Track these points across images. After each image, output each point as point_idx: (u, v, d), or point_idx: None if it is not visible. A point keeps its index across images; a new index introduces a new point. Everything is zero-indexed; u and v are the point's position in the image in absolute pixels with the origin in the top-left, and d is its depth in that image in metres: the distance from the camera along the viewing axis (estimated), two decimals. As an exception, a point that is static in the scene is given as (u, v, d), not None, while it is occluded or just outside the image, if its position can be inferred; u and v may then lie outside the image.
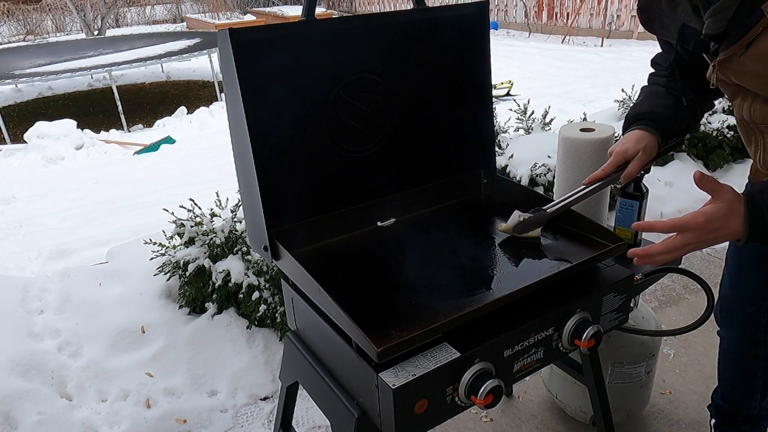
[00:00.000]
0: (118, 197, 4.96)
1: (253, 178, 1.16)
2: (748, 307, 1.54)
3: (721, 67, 1.13)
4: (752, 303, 1.53)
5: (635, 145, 1.35)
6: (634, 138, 1.37)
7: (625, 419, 1.99)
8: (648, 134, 1.37)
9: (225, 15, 18.69)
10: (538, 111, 3.59)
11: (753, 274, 1.50)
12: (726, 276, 1.59)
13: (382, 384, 1.00)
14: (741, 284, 1.55)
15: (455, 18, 1.39)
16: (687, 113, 1.43)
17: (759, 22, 0.98)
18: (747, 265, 1.52)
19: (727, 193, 1.01)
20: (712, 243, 1.03)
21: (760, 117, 1.16)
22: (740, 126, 1.28)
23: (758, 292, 1.51)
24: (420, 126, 1.44)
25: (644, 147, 1.35)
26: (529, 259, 1.28)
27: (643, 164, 1.36)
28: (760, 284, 1.49)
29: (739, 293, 1.55)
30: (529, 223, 1.32)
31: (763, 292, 1.50)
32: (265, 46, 1.15)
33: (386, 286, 1.20)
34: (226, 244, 2.37)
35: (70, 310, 2.40)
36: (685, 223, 1.01)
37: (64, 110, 9.42)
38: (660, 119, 1.39)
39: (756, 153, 1.26)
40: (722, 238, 1.02)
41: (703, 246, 1.04)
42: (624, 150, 1.36)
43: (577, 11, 12.99)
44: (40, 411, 2.00)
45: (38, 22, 18.86)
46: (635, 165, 1.34)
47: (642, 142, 1.36)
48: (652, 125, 1.38)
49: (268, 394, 2.26)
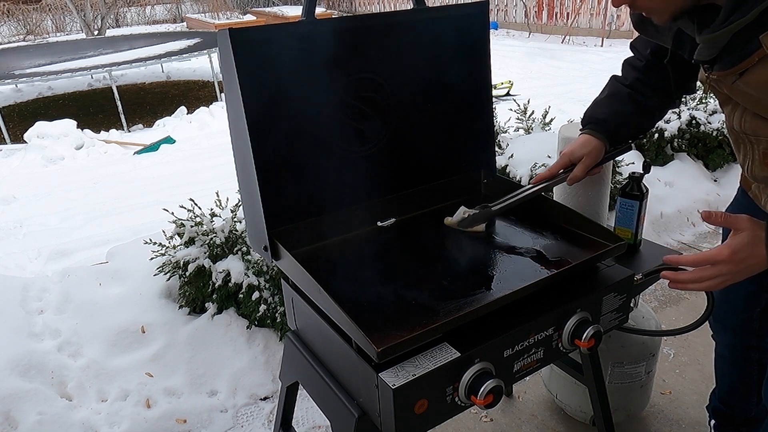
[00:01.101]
0: (118, 197, 4.96)
1: (253, 178, 1.16)
2: (740, 313, 1.54)
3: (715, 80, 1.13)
4: (744, 310, 1.53)
5: (581, 149, 1.41)
6: (581, 142, 1.42)
7: (625, 419, 1.99)
8: (595, 140, 1.41)
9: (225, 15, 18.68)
10: (538, 111, 3.59)
11: (745, 281, 1.50)
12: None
13: (382, 384, 1.00)
14: (732, 291, 1.53)
15: (455, 18, 1.39)
16: (644, 118, 1.46)
17: (755, 52, 0.96)
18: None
19: (745, 222, 1.02)
20: (746, 273, 1.04)
21: (751, 128, 1.15)
22: (730, 134, 1.27)
23: (750, 299, 1.51)
24: (420, 126, 1.44)
25: (589, 152, 1.40)
26: (529, 259, 1.28)
27: (588, 168, 1.41)
28: (752, 291, 1.49)
29: (731, 300, 1.55)
30: (474, 219, 1.38)
31: (755, 298, 1.50)
32: (265, 46, 1.15)
33: (386, 286, 1.20)
34: (226, 244, 2.37)
35: (70, 310, 2.40)
36: (711, 256, 1.03)
37: (64, 110, 9.42)
38: (611, 127, 1.43)
39: (745, 162, 1.25)
40: (753, 267, 1.03)
41: (739, 278, 1.05)
42: (570, 152, 1.42)
43: (577, 11, 12.99)
44: (40, 411, 2.00)
45: (38, 22, 18.86)
46: (580, 168, 1.40)
47: (587, 147, 1.41)
48: (602, 131, 1.42)
49: (268, 394, 2.26)
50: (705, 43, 1.03)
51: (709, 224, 1.04)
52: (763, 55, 0.95)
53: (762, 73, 0.98)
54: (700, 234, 3.43)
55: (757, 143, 1.16)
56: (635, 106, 1.42)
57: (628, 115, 1.43)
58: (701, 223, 3.51)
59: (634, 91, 1.42)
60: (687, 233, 3.43)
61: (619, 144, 1.47)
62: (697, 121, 3.75)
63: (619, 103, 1.43)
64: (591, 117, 1.45)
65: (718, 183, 3.79)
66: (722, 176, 3.83)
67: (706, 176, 3.78)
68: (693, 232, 3.45)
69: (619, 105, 1.43)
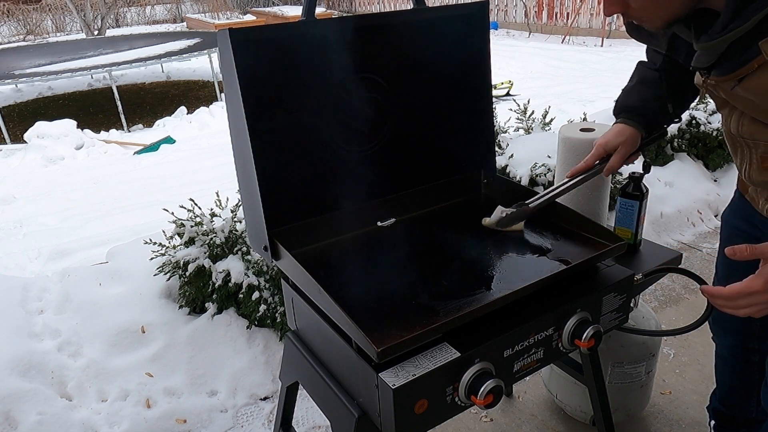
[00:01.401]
0: (118, 197, 4.96)
1: (253, 178, 1.16)
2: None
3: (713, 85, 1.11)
4: None
5: (616, 138, 1.37)
6: (616, 131, 1.38)
7: (625, 419, 1.99)
8: (630, 128, 1.37)
9: (225, 15, 18.67)
10: (538, 111, 3.59)
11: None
12: (716, 284, 1.57)
13: (382, 384, 1.00)
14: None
15: (455, 18, 1.39)
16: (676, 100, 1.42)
17: (755, 59, 0.95)
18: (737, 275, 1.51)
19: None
20: None
21: (748, 132, 1.14)
22: (727, 137, 1.27)
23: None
24: (420, 126, 1.44)
25: (624, 141, 1.36)
26: (529, 259, 1.28)
27: (624, 157, 1.37)
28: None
29: None
30: (512, 218, 1.34)
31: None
32: (265, 46, 1.15)
33: (386, 286, 1.20)
34: (226, 244, 2.37)
35: (70, 310, 2.40)
36: (746, 288, 1.03)
37: (64, 110, 9.42)
38: (645, 113, 1.39)
39: (742, 165, 1.24)
40: None
41: None
42: (605, 142, 1.37)
43: (577, 11, 12.99)
44: (40, 411, 2.00)
45: (38, 22, 18.86)
46: (616, 158, 1.36)
47: (623, 136, 1.37)
48: (636, 119, 1.38)
49: (268, 394, 2.26)
50: (703, 50, 1.02)
51: (740, 259, 1.03)
52: (762, 61, 0.94)
53: (762, 79, 0.97)
54: (700, 234, 3.43)
55: (755, 147, 1.15)
56: (668, 89, 1.38)
57: (661, 99, 1.39)
58: (701, 223, 3.52)
59: (665, 73, 1.37)
60: (687, 233, 3.43)
61: (655, 130, 1.43)
62: (697, 121, 3.75)
63: (650, 88, 1.39)
64: (623, 105, 1.41)
65: (718, 183, 3.79)
66: (722, 176, 3.83)
67: (706, 176, 3.78)
68: (693, 232, 3.45)
69: (651, 90, 1.39)
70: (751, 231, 1.40)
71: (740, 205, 1.42)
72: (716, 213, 3.59)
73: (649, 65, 1.42)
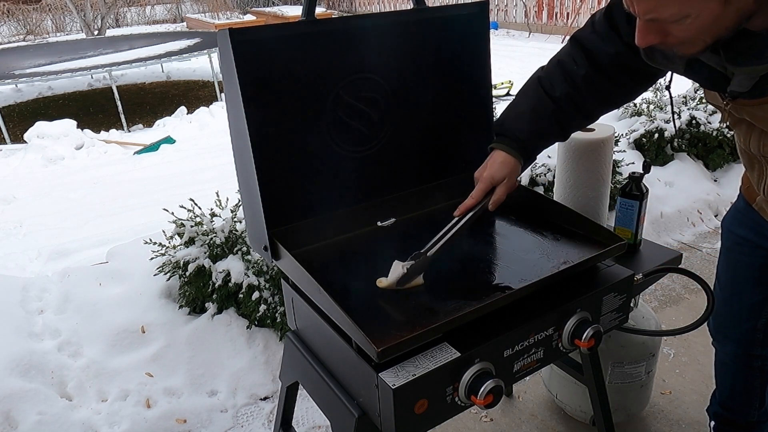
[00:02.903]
0: (118, 197, 4.96)
1: (253, 178, 1.16)
2: (744, 323, 1.53)
3: (736, 105, 1.08)
4: (749, 320, 1.52)
5: (501, 170, 1.31)
6: (500, 162, 1.32)
7: (625, 419, 1.99)
8: (512, 159, 1.32)
9: (225, 15, 18.66)
10: (538, 111, 3.58)
11: (749, 291, 1.49)
12: (719, 292, 1.57)
13: (382, 384, 1.00)
14: (736, 302, 1.53)
15: (455, 18, 1.39)
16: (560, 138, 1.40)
17: None
18: (741, 283, 1.50)
19: None
20: None
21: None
22: (742, 154, 1.24)
23: (755, 309, 1.50)
24: (420, 126, 1.44)
25: (509, 172, 1.31)
26: (529, 259, 1.28)
27: (510, 189, 1.32)
28: (756, 301, 1.48)
29: (735, 311, 1.54)
30: (414, 271, 1.20)
31: (759, 308, 1.49)
32: (265, 46, 1.15)
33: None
34: (226, 244, 2.37)
35: (70, 310, 2.40)
36: None
37: (64, 110, 9.41)
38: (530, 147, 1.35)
39: (760, 182, 1.24)
40: None
41: None
42: (490, 176, 1.30)
43: (577, 11, 12.99)
44: (40, 411, 2.00)
45: (38, 22, 18.84)
46: (502, 190, 1.30)
47: (507, 167, 1.31)
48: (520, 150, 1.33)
49: (268, 394, 2.26)
50: (747, 74, 0.98)
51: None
52: None
53: None
54: (700, 234, 3.43)
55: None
56: (557, 127, 1.35)
57: (548, 135, 1.36)
58: (701, 223, 3.52)
59: (559, 109, 1.33)
60: (687, 233, 3.43)
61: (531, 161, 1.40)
62: (697, 121, 3.75)
63: (541, 121, 1.34)
64: (510, 132, 1.34)
65: (718, 183, 3.79)
66: (722, 176, 3.83)
67: (706, 176, 3.78)
68: (693, 232, 3.45)
69: (541, 123, 1.34)
70: (758, 241, 1.39)
71: (746, 214, 1.41)
72: (716, 213, 3.59)
73: (548, 90, 1.35)
